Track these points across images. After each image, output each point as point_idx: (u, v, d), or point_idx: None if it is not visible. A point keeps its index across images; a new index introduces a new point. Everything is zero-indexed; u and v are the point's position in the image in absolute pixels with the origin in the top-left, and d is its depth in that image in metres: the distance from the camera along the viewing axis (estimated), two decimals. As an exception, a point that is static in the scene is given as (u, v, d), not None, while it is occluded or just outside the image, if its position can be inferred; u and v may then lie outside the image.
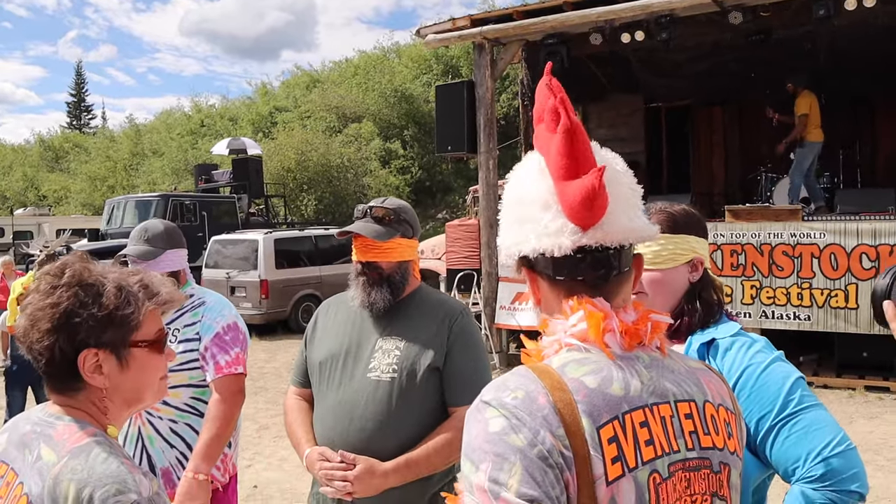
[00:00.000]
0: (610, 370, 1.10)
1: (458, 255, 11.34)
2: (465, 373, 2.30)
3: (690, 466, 1.11)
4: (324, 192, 27.11)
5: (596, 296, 1.17)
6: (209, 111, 40.96)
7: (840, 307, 8.02)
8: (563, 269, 1.17)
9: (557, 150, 1.15)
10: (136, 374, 1.43)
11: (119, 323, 1.39)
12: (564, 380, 1.08)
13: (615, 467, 1.04)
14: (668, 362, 1.19)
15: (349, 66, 37.47)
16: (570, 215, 1.14)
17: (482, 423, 1.05)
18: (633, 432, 1.07)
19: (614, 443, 1.05)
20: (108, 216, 18.48)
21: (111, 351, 1.39)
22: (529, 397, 1.05)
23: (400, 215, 2.37)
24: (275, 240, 13.67)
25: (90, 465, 1.28)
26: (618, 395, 1.08)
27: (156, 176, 32.89)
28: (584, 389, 1.07)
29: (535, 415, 1.03)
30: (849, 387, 8.12)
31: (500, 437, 1.02)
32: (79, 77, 63.02)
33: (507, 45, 9.91)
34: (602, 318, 1.14)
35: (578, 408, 1.05)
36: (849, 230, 8.03)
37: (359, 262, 2.34)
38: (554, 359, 1.13)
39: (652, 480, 1.07)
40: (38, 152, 46.96)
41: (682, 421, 1.13)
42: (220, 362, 2.75)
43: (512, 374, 1.11)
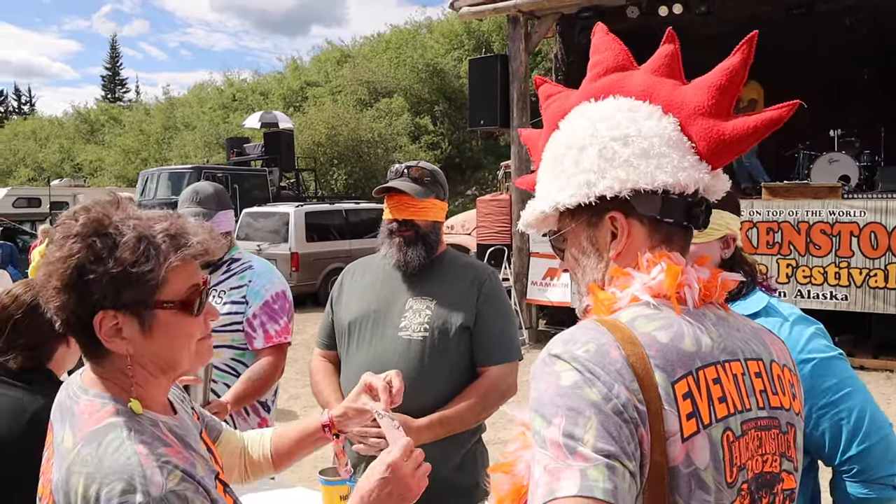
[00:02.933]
0: (680, 326, 1.07)
1: (488, 231, 11.29)
2: (494, 333, 2.34)
3: (762, 425, 1.09)
4: (354, 167, 27.14)
5: (675, 250, 1.15)
6: (241, 85, 41.10)
7: (879, 287, 7.87)
8: (673, 212, 1.15)
9: (712, 85, 1.13)
10: (164, 339, 1.24)
11: (137, 281, 1.18)
12: (635, 334, 1.04)
13: (690, 423, 1.01)
14: (733, 321, 1.16)
15: (380, 40, 37.34)
16: (711, 155, 1.13)
17: (553, 376, 1.01)
18: (706, 388, 1.04)
19: (689, 399, 1.02)
20: (141, 187, 18.68)
21: (131, 313, 1.20)
22: (601, 350, 1.01)
23: (435, 176, 2.41)
24: (306, 213, 13.75)
25: (100, 457, 1.13)
26: (690, 351, 1.05)
27: (188, 149, 33.12)
28: (657, 344, 1.03)
29: (609, 368, 0.99)
30: (886, 368, 7.98)
31: (573, 391, 0.98)
32: (113, 51, 63.59)
33: (542, 18, 9.77)
34: (681, 272, 1.12)
35: (651, 362, 1.01)
36: (890, 208, 7.84)
37: (394, 221, 2.35)
38: (622, 314, 1.09)
39: (725, 438, 1.04)
40: (73, 124, 47.56)
41: (752, 379, 1.10)
42: (269, 331, 2.80)
43: (580, 327, 1.07)
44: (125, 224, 1.21)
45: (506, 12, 9.76)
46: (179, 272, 1.24)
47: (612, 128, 1.16)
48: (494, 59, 10.24)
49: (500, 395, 2.32)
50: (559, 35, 10.61)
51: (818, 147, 10.41)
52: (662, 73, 1.21)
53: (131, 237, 1.19)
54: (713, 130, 1.13)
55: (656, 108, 1.17)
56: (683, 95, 1.17)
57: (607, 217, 1.17)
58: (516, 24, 9.74)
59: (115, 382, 1.24)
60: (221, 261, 2.91)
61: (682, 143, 1.14)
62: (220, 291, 2.84)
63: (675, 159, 1.13)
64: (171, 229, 1.23)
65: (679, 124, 1.16)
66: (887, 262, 7.83)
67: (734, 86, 1.13)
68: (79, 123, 47.50)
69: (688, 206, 1.15)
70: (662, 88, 1.19)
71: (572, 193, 1.17)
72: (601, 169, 1.15)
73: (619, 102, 1.20)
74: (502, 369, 2.33)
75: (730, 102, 1.14)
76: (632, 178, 1.13)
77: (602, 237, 1.18)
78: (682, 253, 1.17)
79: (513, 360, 2.37)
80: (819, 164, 9.69)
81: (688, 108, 1.15)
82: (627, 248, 1.16)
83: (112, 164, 37.89)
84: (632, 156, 1.14)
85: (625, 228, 1.16)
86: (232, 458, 1.67)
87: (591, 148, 1.16)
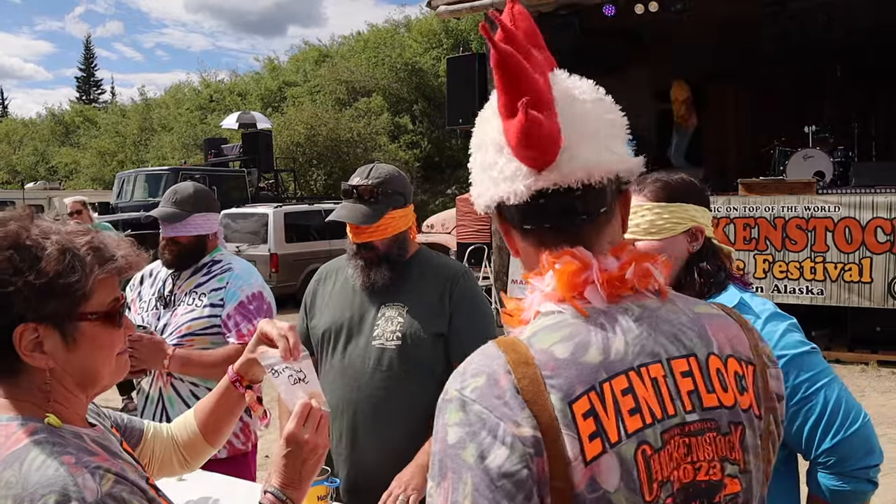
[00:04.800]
0: (588, 334, 0.98)
1: (468, 230, 11.30)
2: (470, 335, 2.26)
3: (691, 430, 0.99)
4: (333, 167, 27.05)
5: (575, 244, 1.04)
6: (218, 86, 40.80)
7: (854, 281, 7.96)
8: (528, 217, 1.05)
9: (496, 85, 1.03)
10: (86, 352, 1.21)
11: (62, 292, 1.16)
12: (531, 352, 0.96)
13: (593, 444, 0.93)
14: (666, 311, 1.05)
15: (359, 40, 37.23)
16: (517, 156, 1.02)
17: (443, 430, 0.97)
18: (613, 402, 0.95)
19: (591, 417, 0.93)
20: (118, 190, 18.48)
21: (54, 325, 1.17)
22: (490, 380, 0.95)
23: (389, 186, 2.28)
24: (284, 214, 13.66)
25: (24, 475, 1.08)
26: (594, 363, 0.96)
27: (165, 150, 32.86)
28: (553, 361, 0.95)
29: (495, 404, 0.93)
30: (861, 361, 8.07)
31: (456, 452, 0.94)
32: (88, 52, 62.90)
33: (519, 16, 9.77)
34: (576, 271, 1.02)
35: (546, 383, 0.94)
36: (864, 203, 7.94)
37: (354, 244, 2.29)
38: (528, 327, 1.03)
39: (641, 453, 0.95)
40: (48, 126, 46.97)
41: (677, 380, 1.00)
42: (241, 331, 2.76)
43: (479, 352, 1.02)
44: (46, 237, 1.18)
45: (483, 10, 9.76)
46: (102, 285, 1.22)
47: (475, 131, 1.11)
48: (472, 58, 10.24)
49: None
50: (536, 33, 10.61)
51: (793, 143, 10.53)
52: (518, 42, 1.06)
53: (53, 250, 1.17)
54: (507, 133, 1.03)
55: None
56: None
57: (498, 222, 1.13)
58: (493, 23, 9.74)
59: (29, 401, 1.19)
60: (203, 263, 2.89)
61: (504, 148, 1.04)
62: (201, 294, 2.81)
63: (498, 168, 1.05)
64: (93, 242, 1.22)
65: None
66: (861, 256, 7.92)
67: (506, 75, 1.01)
68: (53, 125, 46.93)
69: (538, 209, 1.04)
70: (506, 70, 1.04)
71: (474, 198, 1.12)
72: (474, 177, 1.11)
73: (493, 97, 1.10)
74: None
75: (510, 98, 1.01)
76: (479, 192, 1.08)
77: (506, 239, 1.15)
78: (589, 245, 1.04)
79: None
80: (794, 160, 9.79)
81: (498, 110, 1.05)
82: (523, 252, 1.11)
83: (88, 166, 37.50)
84: (479, 168, 1.09)
85: (508, 233, 1.11)
86: (167, 450, 1.64)
87: (472, 153, 1.12)
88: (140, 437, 1.61)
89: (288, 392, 1.49)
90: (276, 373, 1.51)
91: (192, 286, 2.84)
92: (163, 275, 2.92)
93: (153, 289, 2.90)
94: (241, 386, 1.63)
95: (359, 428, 2.23)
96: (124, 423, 1.59)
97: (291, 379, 1.49)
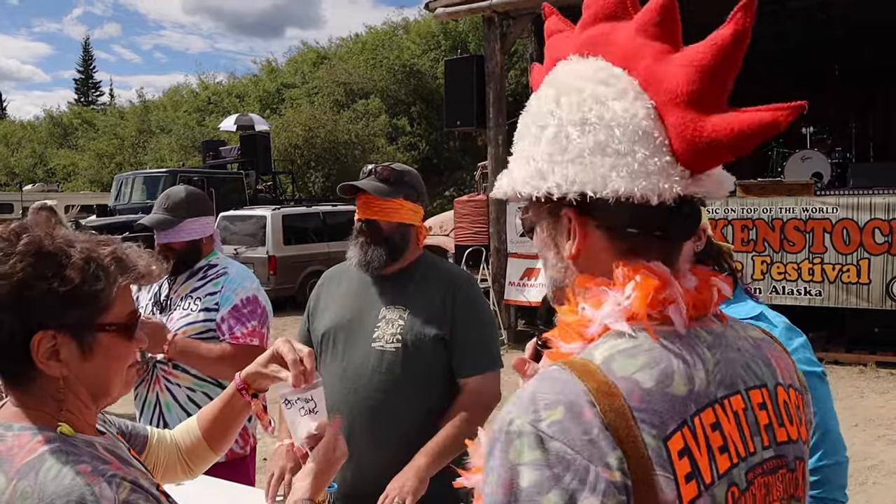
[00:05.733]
0: (669, 361, 0.86)
1: (466, 232, 11.29)
2: (471, 342, 2.27)
3: (768, 469, 0.91)
4: (331, 169, 27.03)
5: (668, 257, 0.93)
6: (216, 88, 40.78)
7: (852, 282, 7.96)
8: (645, 222, 0.91)
9: (695, 63, 0.87)
10: (101, 363, 1.21)
11: (86, 301, 1.17)
12: (613, 380, 0.84)
13: (689, 487, 0.82)
14: (731, 336, 0.96)
15: (357, 41, 37.23)
16: (690, 153, 0.89)
17: (508, 470, 0.82)
18: (705, 438, 0.85)
19: (685, 456, 0.83)
20: (116, 192, 18.49)
21: (72, 334, 1.17)
22: (572, 414, 0.81)
23: (403, 177, 2.34)
24: (283, 216, 13.67)
25: (40, 485, 1.07)
26: (681, 395, 0.85)
27: (164, 153, 32.81)
28: (640, 391, 0.84)
29: (581, 442, 0.80)
30: (860, 362, 8.08)
31: (531, 498, 0.79)
32: (86, 54, 62.86)
33: (517, 18, 9.79)
34: (659, 287, 0.90)
35: (636, 417, 0.82)
36: (861, 204, 7.94)
37: (359, 220, 2.32)
38: (596, 350, 0.89)
39: (730, 496, 0.86)
40: (46, 128, 46.91)
41: (756, 413, 0.91)
42: (235, 333, 2.76)
43: (545, 377, 0.87)
44: (71, 245, 1.19)
45: (481, 13, 9.77)
46: (123, 296, 1.23)
47: (572, 106, 0.94)
48: (470, 60, 10.25)
49: (485, 407, 2.26)
50: (534, 35, 10.63)
51: (791, 144, 10.54)
52: (650, 32, 0.92)
53: (79, 258, 1.17)
54: (690, 127, 0.88)
55: (633, 83, 0.93)
56: (664, 72, 0.90)
57: (563, 214, 0.96)
58: (491, 25, 9.76)
59: (42, 411, 1.19)
60: (198, 267, 2.88)
61: (652, 138, 0.90)
62: (196, 298, 2.81)
63: (638, 160, 0.89)
64: (117, 253, 1.23)
65: (655, 110, 0.91)
66: (859, 257, 7.93)
67: (725, 67, 0.88)
68: (51, 127, 46.86)
69: (664, 214, 0.91)
70: (645, 56, 0.92)
71: (526, 181, 0.97)
72: (552, 159, 0.94)
73: (599, 66, 0.96)
74: (483, 380, 2.27)
75: (719, 89, 0.88)
76: (580, 179, 0.91)
77: (560, 233, 0.98)
78: (667, 261, 0.93)
79: (493, 369, 2.31)
80: (792, 161, 9.81)
81: (666, 90, 0.89)
82: (587, 253, 0.95)
83: (86, 168, 37.45)
84: (586, 149, 0.91)
85: (576, 232, 0.95)
86: (171, 457, 1.64)
87: (549, 129, 0.95)
88: (144, 444, 1.61)
89: (297, 423, 1.53)
90: (288, 403, 1.54)
91: (187, 290, 2.84)
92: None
93: (149, 294, 2.90)
94: (248, 394, 1.64)
95: (356, 431, 2.22)
96: (128, 429, 1.59)
97: (302, 411, 1.53)
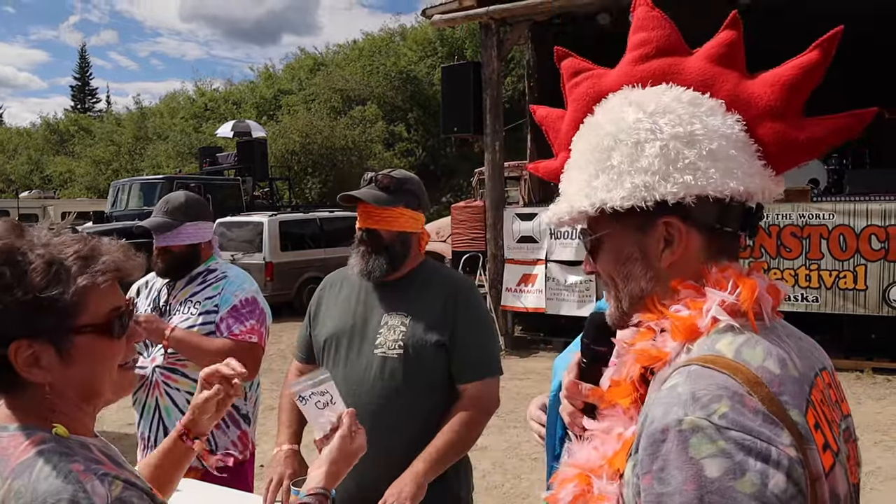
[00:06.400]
0: (777, 348, 0.95)
1: (463, 238, 11.32)
2: (472, 349, 2.28)
3: (845, 437, 1.01)
4: (328, 175, 27.07)
5: (731, 258, 1.06)
6: (213, 94, 40.83)
7: (848, 288, 7.98)
8: (732, 220, 1.05)
9: (784, 82, 1.03)
10: (84, 365, 1.19)
11: (49, 307, 1.13)
12: (752, 370, 0.91)
13: (827, 456, 0.90)
14: (789, 327, 1.06)
15: (354, 48, 37.32)
16: (781, 157, 1.05)
17: (693, 465, 0.84)
18: (822, 412, 0.93)
19: (818, 430, 0.91)
20: (113, 198, 18.46)
21: (48, 340, 1.15)
22: (737, 403, 0.87)
23: (404, 185, 2.33)
24: (280, 222, 13.65)
25: (34, 485, 1.08)
26: (798, 377, 0.94)
27: (160, 159, 32.83)
28: (775, 377, 0.91)
29: (755, 427, 0.86)
30: (857, 368, 8.08)
31: (724, 485, 0.83)
32: (83, 61, 62.79)
33: (514, 25, 9.81)
34: (755, 285, 1.00)
35: (781, 400, 0.89)
36: (858, 211, 7.96)
37: (360, 229, 2.32)
38: (717, 344, 0.96)
39: (847, 460, 0.96)
40: (43, 135, 46.93)
41: (831, 390, 1.01)
42: (234, 331, 2.78)
43: (693, 376, 0.91)
44: (33, 251, 1.16)
45: (478, 20, 9.79)
46: (96, 294, 1.19)
47: (674, 123, 1.04)
48: (467, 66, 10.26)
49: (485, 412, 2.26)
50: (531, 42, 10.67)
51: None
52: (723, 62, 1.08)
53: (40, 263, 1.15)
54: (786, 134, 1.04)
55: (719, 104, 1.06)
56: (751, 91, 1.06)
57: (661, 222, 1.04)
58: (489, 32, 9.78)
59: (36, 413, 1.18)
60: (197, 272, 2.89)
61: (748, 146, 1.05)
62: (196, 302, 2.82)
63: (744, 164, 1.03)
64: (82, 251, 1.19)
65: (745, 123, 1.05)
66: (856, 263, 7.94)
67: (808, 84, 1.04)
68: (48, 134, 46.88)
69: (746, 213, 1.07)
70: (726, 81, 1.07)
71: (625, 195, 1.04)
72: (663, 171, 1.03)
73: (676, 93, 1.07)
74: (482, 386, 2.27)
75: (800, 102, 1.05)
76: (699, 184, 1.01)
77: (653, 244, 1.06)
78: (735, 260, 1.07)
79: (493, 375, 2.31)
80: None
81: (756, 106, 1.05)
82: (682, 258, 1.05)
83: (82, 175, 37.44)
84: (698, 158, 1.02)
85: (683, 236, 1.04)
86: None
87: (650, 145, 1.04)
88: None
89: (317, 416, 1.56)
90: (302, 399, 1.57)
91: (186, 295, 2.85)
92: (158, 285, 2.93)
93: (148, 299, 2.91)
94: (189, 439, 1.66)
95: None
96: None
97: (319, 404, 1.56)
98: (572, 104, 1.18)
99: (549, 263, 9.39)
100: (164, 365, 2.78)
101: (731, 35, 1.10)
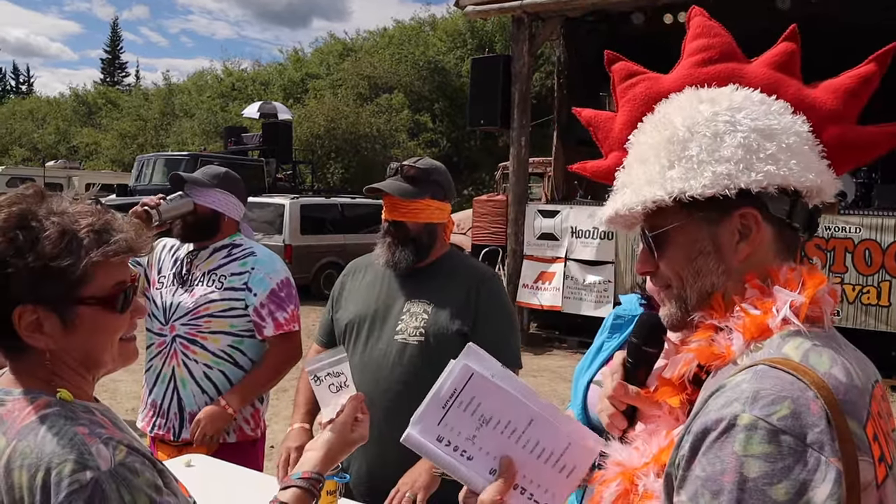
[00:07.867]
0: (840, 356, 0.96)
1: (484, 231, 11.30)
2: (491, 340, 2.24)
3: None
4: (351, 162, 27.11)
5: (793, 257, 1.07)
6: (241, 75, 40.98)
7: (871, 304, 7.87)
8: (801, 216, 1.07)
9: (846, 89, 1.11)
10: (85, 336, 1.22)
11: (57, 276, 1.16)
12: (820, 375, 0.90)
13: (881, 468, 0.91)
14: (842, 337, 1.06)
15: (384, 35, 37.29)
16: (842, 159, 1.10)
17: (736, 459, 0.86)
18: (879, 424, 0.94)
19: (876, 441, 0.91)
20: (137, 172, 18.60)
21: (52, 308, 1.18)
22: (800, 407, 0.87)
23: (431, 175, 2.32)
24: (301, 205, 13.68)
25: (39, 445, 1.10)
26: (860, 385, 0.94)
27: (185, 136, 33.02)
28: (840, 385, 0.91)
29: (812, 435, 0.86)
30: (874, 386, 7.99)
31: (759, 487, 0.85)
32: (114, 34, 63.31)
33: (547, 20, 9.74)
34: (822, 286, 1.01)
35: (843, 409, 0.88)
36: (886, 226, 7.85)
37: (386, 221, 2.31)
38: (785, 347, 0.96)
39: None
40: (71, 106, 47.33)
41: (885, 402, 1.01)
42: (279, 319, 2.79)
43: (761, 375, 0.92)
44: (48, 219, 1.18)
45: (511, 13, 9.72)
46: (104, 268, 1.21)
47: (752, 117, 1.06)
48: (497, 59, 10.21)
49: None
50: (563, 38, 10.58)
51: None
52: (784, 69, 1.15)
53: (54, 231, 1.17)
54: (848, 137, 1.10)
55: (785, 105, 1.10)
56: (814, 97, 1.12)
57: (736, 214, 1.04)
58: (521, 25, 9.71)
59: (41, 377, 1.21)
60: (222, 244, 2.88)
61: (815, 145, 1.09)
62: (221, 276, 2.81)
63: (816, 160, 1.07)
64: (96, 224, 1.21)
65: (810, 124, 1.10)
66: (880, 279, 7.84)
67: (865, 92, 1.12)
68: (76, 105, 47.28)
69: (810, 212, 1.09)
70: (790, 86, 1.13)
71: (707, 184, 1.03)
72: (746, 160, 1.03)
73: (745, 92, 1.11)
74: None
75: (858, 109, 1.12)
76: (782, 173, 1.03)
77: (727, 236, 1.05)
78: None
79: (512, 368, 2.30)
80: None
81: (820, 111, 1.10)
82: (759, 251, 1.05)
83: (108, 147, 37.74)
84: (778, 151, 1.04)
85: (759, 227, 1.04)
86: None
87: (730, 136, 1.04)
88: None
89: (328, 399, 1.56)
90: (317, 380, 1.58)
91: (209, 266, 2.84)
92: (181, 252, 2.92)
93: (173, 267, 2.91)
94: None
95: (375, 422, 2.21)
96: None
97: (333, 387, 1.57)
98: (627, 104, 1.19)
99: (568, 262, 9.34)
100: (184, 335, 2.78)
101: (791, 46, 1.17)
